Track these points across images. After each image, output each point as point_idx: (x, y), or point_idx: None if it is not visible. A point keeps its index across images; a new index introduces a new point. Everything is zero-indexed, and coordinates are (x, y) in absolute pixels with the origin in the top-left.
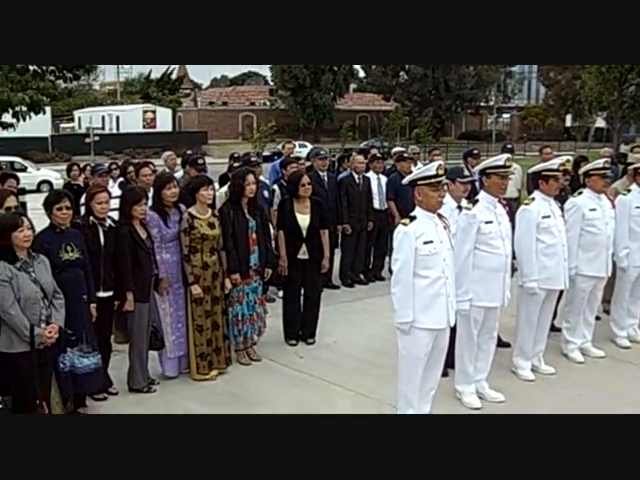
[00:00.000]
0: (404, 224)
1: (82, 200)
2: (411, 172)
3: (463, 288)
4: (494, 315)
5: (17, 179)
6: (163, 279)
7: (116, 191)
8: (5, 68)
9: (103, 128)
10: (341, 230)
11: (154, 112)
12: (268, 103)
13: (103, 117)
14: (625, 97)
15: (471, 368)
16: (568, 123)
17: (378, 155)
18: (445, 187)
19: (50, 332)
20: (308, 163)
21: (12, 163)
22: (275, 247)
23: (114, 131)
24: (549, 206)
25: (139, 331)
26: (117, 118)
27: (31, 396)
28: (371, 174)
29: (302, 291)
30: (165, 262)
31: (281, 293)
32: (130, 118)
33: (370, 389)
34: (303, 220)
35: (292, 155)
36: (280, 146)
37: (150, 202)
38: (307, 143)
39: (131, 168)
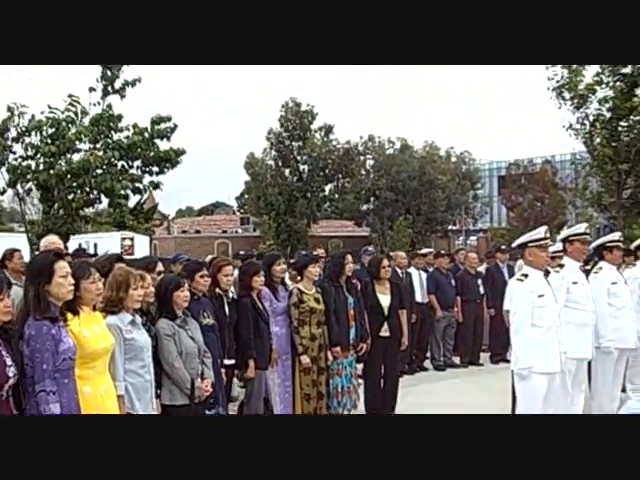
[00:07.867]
0: (520, 280)
1: None
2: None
3: None
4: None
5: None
6: (273, 350)
7: None
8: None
9: None
10: None
11: (132, 239)
12: (240, 231)
13: (80, 244)
14: (623, 199)
15: None
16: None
17: (420, 253)
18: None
19: (206, 386)
20: None
21: None
22: None
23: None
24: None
25: (257, 398)
26: (95, 245)
27: None
28: (412, 270)
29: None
30: (275, 334)
31: None
32: (108, 245)
33: None
34: (384, 300)
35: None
36: None
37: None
38: None
39: None
